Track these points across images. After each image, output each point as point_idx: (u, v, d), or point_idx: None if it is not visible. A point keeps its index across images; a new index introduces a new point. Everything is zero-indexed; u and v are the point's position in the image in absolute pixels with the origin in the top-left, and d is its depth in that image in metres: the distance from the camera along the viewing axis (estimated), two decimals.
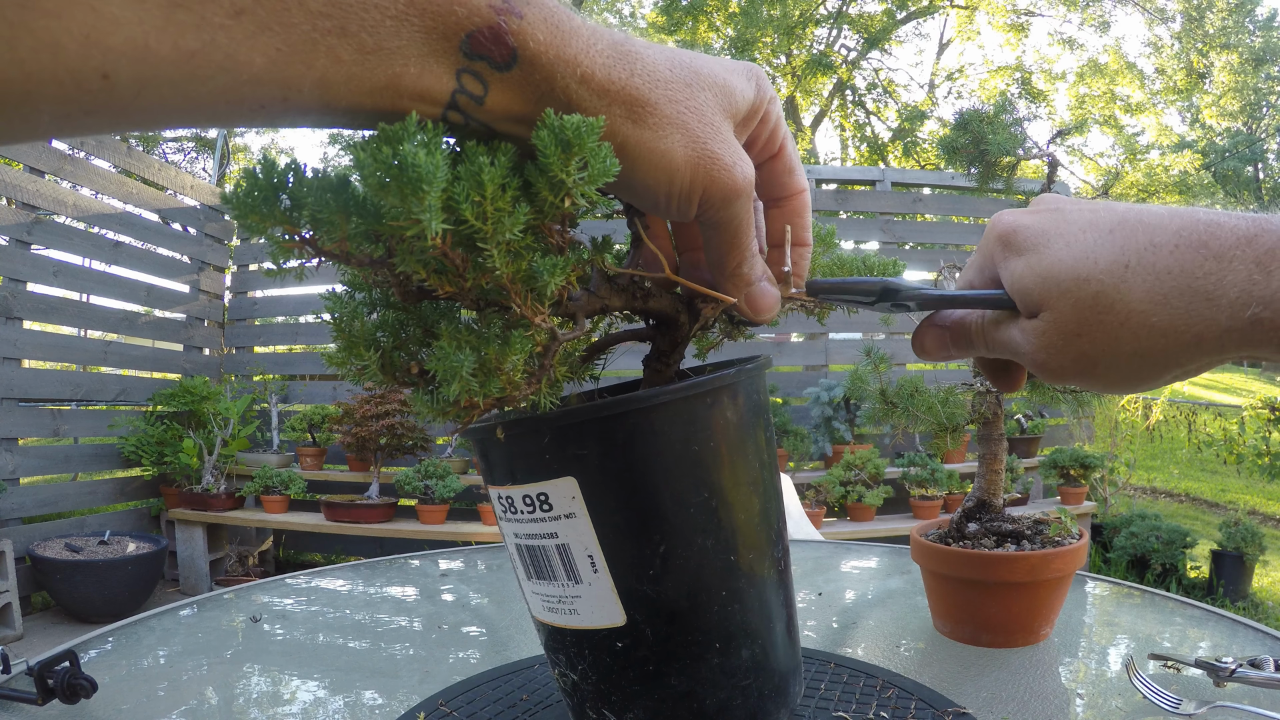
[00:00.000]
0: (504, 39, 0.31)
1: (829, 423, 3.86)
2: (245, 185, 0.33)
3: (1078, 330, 0.36)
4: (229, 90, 0.29)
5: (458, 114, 0.33)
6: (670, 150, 0.35)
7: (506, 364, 0.36)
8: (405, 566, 1.13)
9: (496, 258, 0.34)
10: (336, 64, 0.29)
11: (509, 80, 0.32)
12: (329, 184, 0.33)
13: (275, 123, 0.31)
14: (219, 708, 0.64)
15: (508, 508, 0.45)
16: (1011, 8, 13.71)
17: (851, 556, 1.14)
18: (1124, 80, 14.64)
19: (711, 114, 0.36)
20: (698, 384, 0.43)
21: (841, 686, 0.63)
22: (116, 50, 0.26)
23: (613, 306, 0.43)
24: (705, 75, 0.37)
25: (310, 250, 0.35)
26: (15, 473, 3.47)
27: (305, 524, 3.75)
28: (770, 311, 0.41)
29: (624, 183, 0.37)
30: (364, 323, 0.40)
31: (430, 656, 0.75)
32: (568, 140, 0.32)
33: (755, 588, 0.45)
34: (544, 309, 0.37)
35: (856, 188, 4.86)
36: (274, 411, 4.32)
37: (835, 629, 0.81)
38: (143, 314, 4.29)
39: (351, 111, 0.32)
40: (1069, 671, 0.69)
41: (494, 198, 0.33)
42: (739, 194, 0.37)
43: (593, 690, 0.46)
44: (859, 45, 14.51)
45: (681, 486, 0.43)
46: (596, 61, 0.33)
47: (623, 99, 0.34)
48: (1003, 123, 1.47)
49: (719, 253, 0.40)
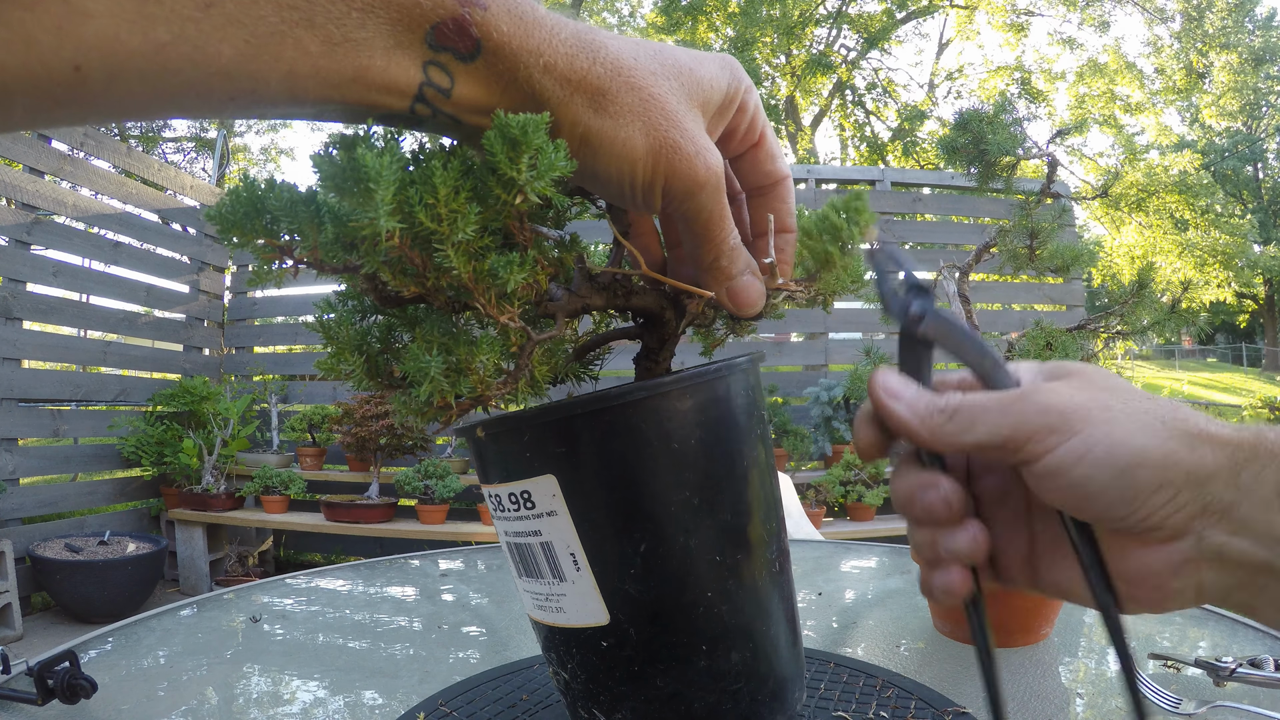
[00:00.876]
0: (468, 30, 0.32)
1: (829, 422, 3.86)
2: (229, 201, 0.34)
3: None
4: (198, 83, 0.29)
5: (425, 106, 0.33)
6: (629, 139, 0.35)
7: (475, 364, 0.37)
8: (405, 566, 1.13)
9: (453, 257, 0.35)
10: (304, 56, 0.30)
11: (474, 71, 0.33)
12: (300, 197, 0.35)
13: (246, 114, 0.32)
14: (219, 708, 0.64)
15: (497, 505, 0.46)
16: (1011, 8, 13.72)
17: (851, 556, 1.14)
18: (1124, 80, 14.64)
19: (675, 104, 0.36)
20: (674, 380, 0.42)
21: (841, 686, 0.63)
22: (88, 43, 0.26)
23: (594, 305, 0.43)
24: (671, 65, 0.36)
25: (289, 259, 0.36)
26: (15, 473, 3.47)
27: (305, 524, 3.75)
28: (754, 305, 0.41)
29: (589, 173, 0.36)
30: (349, 329, 0.41)
31: (430, 656, 0.75)
32: (514, 138, 0.32)
33: (745, 590, 0.45)
34: (512, 308, 0.37)
35: (856, 187, 4.87)
36: (274, 411, 4.32)
37: (835, 629, 0.81)
38: (142, 314, 4.29)
39: (320, 103, 0.32)
40: (1069, 671, 0.69)
41: (447, 200, 0.34)
42: (702, 185, 0.37)
43: (582, 689, 0.46)
44: (859, 45, 14.52)
45: (661, 484, 0.42)
46: (560, 51, 0.33)
47: (584, 88, 0.34)
48: (1002, 123, 1.47)
49: (694, 246, 0.40)
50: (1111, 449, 0.29)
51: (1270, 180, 21.77)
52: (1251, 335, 26.41)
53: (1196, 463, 0.29)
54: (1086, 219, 14.06)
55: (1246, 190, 21.10)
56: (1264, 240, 18.37)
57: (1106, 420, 0.29)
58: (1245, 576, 0.30)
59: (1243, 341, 26.56)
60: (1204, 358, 26.19)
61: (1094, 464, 0.29)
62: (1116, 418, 0.29)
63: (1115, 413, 0.30)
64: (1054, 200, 1.67)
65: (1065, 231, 2.46)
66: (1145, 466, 0.29)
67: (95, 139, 4.02)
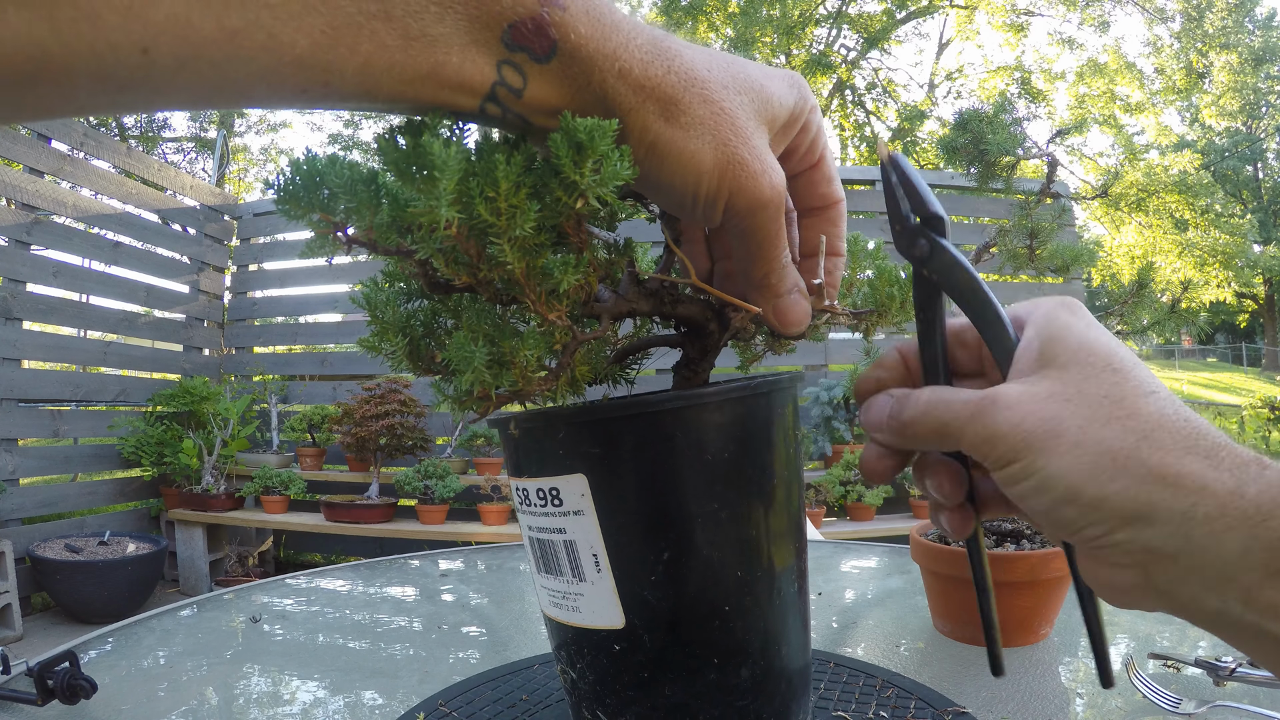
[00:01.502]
0: (546, 30, 0.31)
1: (829, 422, 3.86)
2: (290, 173, 0.34)
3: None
4: (270, 72, 0.28)
5: (495, 106, 0.33)
6: (699, 151, 0.34)
7: (520, 358, 0.37)
8: (405, 566, 1.13)
9: (508, 252, 0.35)
10: (380, 49, 0.29)
11: (548, 73, 0.32)
12: (361, 176, 0.34)
13: (314, 106, 0.31)
14: (219, 708, 0.64)
15: (523, 499, 0.46)
16: (1011, 7, 13.72)
17: (851, 556, 1.14)
18: (1123, 80, 14.64)
19: (745, 119, 0.35)
20: (715, 392, 0.42)
21: (841, 686, 0.63)
22: (157, 25, 0.25)
23: (640, 310, 0.43)
24: (743, 79, 0.36)
25: (342, 238, 0.36)
26: (15, 473, 3.47)
27: (305, 524, 3.75)
28: (799, 324, 0.41)
29: (652, 182, 0.36)
30: (396, 310, 0.41)
31: (430, 656, 0.75)
32: (580, 142, 0.32)
33: (763, 607, 0.44)
34: (560, 306, 0.37)
35: (856, 187, 4.86)
36: (274, 412, 4.32)
37: (835, 629, 0.81)
38: (142, 314, 4.29)
39: (392, 99, 0.31)
40: (1069, 671, 0.69)
41: (507, 195, 0.33)
42: (765, 203, 0.36)
43: (589, 690, 0.46)
44: (859, 45, 14.52)
45: (691, 494, 0.42)
46: (635, 57, 0.33)
47: (657, 96, 0.34)
48: (1002, 122, 1.48)
49: (746, 261, 0.39)
50: (1044, 482, 0.30)
51: (1270, 180, 21.79)
52: (1251, 335, 26.41)
53: (1138, 508, 0.29)
54: (1086, 219, 14.05)
55: (1246, 190, 21.11)
56: (1264, 240, 18.38)
57: (1054, 450, 0.30)
58: (1195, 616, 0.30)
59: (1243, 341, 26.56)
60: (1204, 357, 26.19)
61: (1030, 491, 0.31)
62: (1064, 447, 0.30)
63: (1065, 441, 0.30)
64: (1054, 200, 1.68)
65: (1065, 231, 2.46)
66: (1075, 504, 0.30)
67: (95, 139, 4.02)
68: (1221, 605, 0.28)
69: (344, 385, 4.49)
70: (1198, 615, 0.29)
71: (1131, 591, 0.30)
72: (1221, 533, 0.28)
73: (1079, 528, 0.30)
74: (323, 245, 0.36)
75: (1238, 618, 0.28)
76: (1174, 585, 0.29)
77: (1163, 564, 0.29)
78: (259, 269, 5.00)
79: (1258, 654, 0.29)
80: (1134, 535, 0.29)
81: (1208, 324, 21.09)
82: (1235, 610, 0.28)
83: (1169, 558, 0.29)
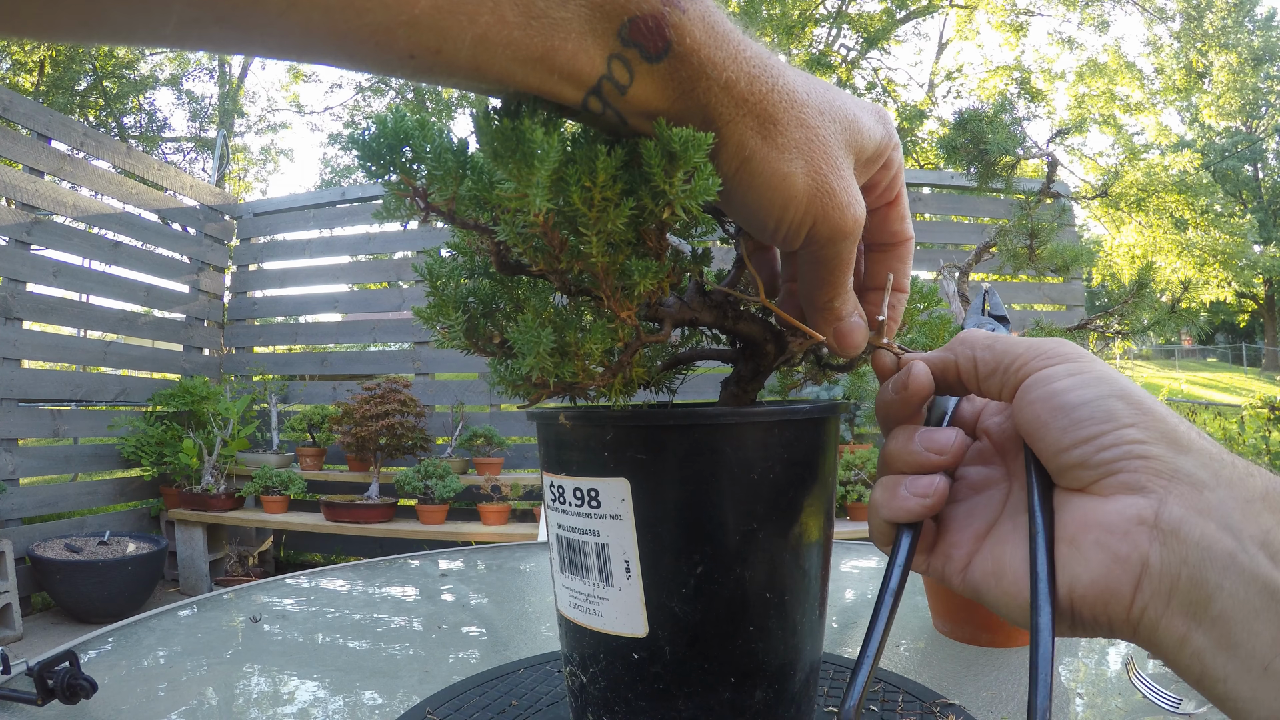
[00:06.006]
0: (663, 30, 0.31)
1: None
2: (375, 128, 0.33)
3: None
4: (382, 29, 0.27)
5: (598, 101, 0.32)
6: (791, 174, 0.34)
7: (584, 350, 0.37)
8: (405, 566, 1.13)
9: (595, 245, 0.34)
10: (499, 23, 0.28)
11: (655, 73, 0.32)
12: (449, 145, 0.34)
13: (415, 77, 0.30)
14: (219, 708, 0.64)
15: (557, 496, 0.45)
16: (1011, 7, 13.72)
17: (851, 556, 1.14)
18: (1123, 80, 14.64)
19: (837, 147, 0.35)
20: (767, 412, 0.42)
21: (829, 683, 0.63)
22: None
23: (702, 321, 0.43)
24: (838, 106, 0.36)
25: (420, 204, 0.35)
26: (15, 473, 3.47)
27: (305, 524, 3.75)
28: (858, 348, 0.41)
29: (738, 200, 0.36)
30: (458, 285, 0.41)
31: (430, 656, 0.75)
32: (673, 152, 0.32)
33: (786, 630, 0.44)
34: (632, 306, 0.37)
35: None
36: (274, 412, 4.32)
37: (835, 629, 0.81)
38: (142, 314, 4.29)
39: (500, 81, 0.31)
40: (1069, 671, 0.69)
41: (604, 186, 0.33)
42: (846, 235, 0.36)
43: (599, 696, 0.45)
44: (858, 45, 14.52)
45: (732, 512, 0.42)
46: (743, 70, 0.33)
47: (757, 112, 0.33)
48: (1002, 122, 1.48)
49: (813, 286, 0.39)
50: (1067, 386, 0.32)
51: (1270, 180, 21.78)
52: (1251, 335, 26.41)
53: (1155, 420, 0.30)
54: (1086, 219, 14.06)
55: (1246, 190, 21.11)
56: (1264, 240, 18.37)
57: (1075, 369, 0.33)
58: (1196, 569, 0.28)
59: (1243, 341, 26.56)
60: (1204, 357, 26.19)
61: (1066, 388, 0.32)
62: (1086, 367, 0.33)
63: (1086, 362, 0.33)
64: (1054, 200, 1.68)
65: (1065, 231, 2.46)
66: (1088, 405, 0.31)
67: (95, 139, 4.02)
68: (1237, 545, 0.27)
69: (344, 385, 4.50)
70: (1216, 548, 0.28)
71: (1134, 531, 0.29)
72: (1246, 476, 0.29)
73: (1096, 422, 0.31)
74: (398, 208, 0.35)
75: (1249, 562, 0.27)
76: (1187, 518, 0.28)
77: (1186, 493, 0.29)
78: (259, 269, 5.00)
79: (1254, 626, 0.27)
80: (1158, 438, 0.30)
81: (1208, 324, 21.07)
82: (1249, 553, 0.27)
83: (1193, 486, 0.29)
